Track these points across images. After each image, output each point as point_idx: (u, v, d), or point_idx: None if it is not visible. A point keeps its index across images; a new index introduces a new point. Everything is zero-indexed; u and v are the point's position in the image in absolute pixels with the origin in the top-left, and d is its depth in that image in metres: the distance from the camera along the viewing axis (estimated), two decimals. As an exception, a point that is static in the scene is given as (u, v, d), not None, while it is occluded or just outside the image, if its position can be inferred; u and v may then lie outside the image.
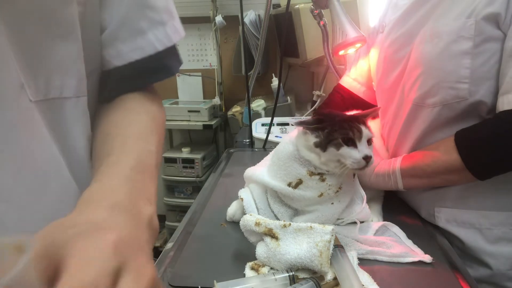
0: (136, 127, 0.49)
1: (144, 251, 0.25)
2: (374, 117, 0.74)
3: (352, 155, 0.65)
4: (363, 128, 0.66)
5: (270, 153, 0.79)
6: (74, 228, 0.24)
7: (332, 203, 0.70)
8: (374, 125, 0.77)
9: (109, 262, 0.20)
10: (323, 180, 0.69)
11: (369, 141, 0.68)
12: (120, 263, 0.20)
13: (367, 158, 0.65)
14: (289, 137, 0.74)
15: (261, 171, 0.76)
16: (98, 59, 0.51)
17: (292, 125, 1.46)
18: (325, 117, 0.69)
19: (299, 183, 0.70)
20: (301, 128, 0.70)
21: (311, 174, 0.69)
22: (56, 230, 0.24)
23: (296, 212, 0.74)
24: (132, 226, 0.28)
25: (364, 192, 0.74)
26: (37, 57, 0.41)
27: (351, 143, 0.65)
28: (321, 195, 0.69)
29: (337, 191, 0.70)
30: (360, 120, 0.68)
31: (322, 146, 0.66)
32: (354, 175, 0.73)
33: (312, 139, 0.67)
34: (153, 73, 0.54)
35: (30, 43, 0.40)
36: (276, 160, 0.73)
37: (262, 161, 0.81)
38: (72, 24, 0.43)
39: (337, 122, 0.67)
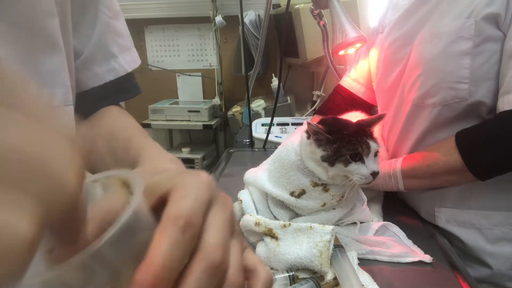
0: (134, 126, 0.55)
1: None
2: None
3: (360, 171, 0.64)
4: (371, 142, 0.65)
5: (270, 156, 0.78)
6: (163, 173, 0.30)
7: (334, 209, 0.70)
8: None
9: (205, 194, 0.25)
10: (326, 191, 0.68)
11: (376, 153, 0.66)
12: (211, 196, 0.26)
13: (374, 174, 0.64)
14: (291, 143, 0.71)
15: (262, 177, 0.74)
16: (74, 77, 0.54)
17: (293, 125, 1.46)
18: (331, 127, 0.66)
19: (302, 193, 0.69)
20: (304, 136, 0.68)
21: (315, 185, 0.68)
22: (145, 175, 0.30)
23: (296, 215, 0.73)
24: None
25: (365, 196, 0.74)
26: (28, 68, 0.43)
27: (359, 158, 0.64)
28: (324, 204, 0.68)
29: (340, 199, 0.69)
30: (367, 132, 0.66)
31: (330, 161, 0.64)
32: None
33: (319, 152, 0.65)
34: (125, 92, 0.61)
35: (21, 55, 0.42)
36: (279, 167, 0.71)
37: (262, 164, 0.80)
38: (56, 36, 0.45)
39: (345, 136, 0.64)
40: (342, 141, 0.64)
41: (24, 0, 0.41)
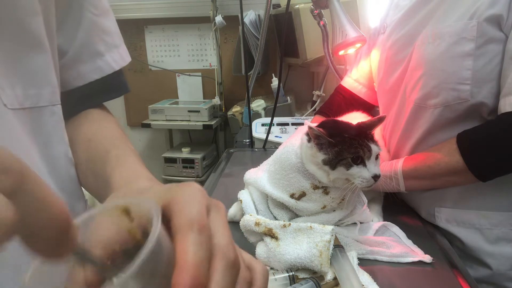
0: (114, 134, 0.54)
1: None
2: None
3: (361, 174, 0.63)
4: (372, 145, 0.64)
5: (270, 157, 0.77)
6: (151, 190, 0.32)
7: (334, 211, 0.70)
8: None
9: (203, 200, 0.27)
10: (326, 193, 0.68)
11: (377, 156, 0.66)
12: (207, 202, 0.28)
13: (376, 177, 0.64)
14: (291, 144, 0.71)
15: (262, 178, 0.74)
16: (59, 76, 0.53)
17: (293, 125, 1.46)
18: (332, 130, 0.65)
19: (302, 195, 0.68)
20: (305, 139, 0.68)
21: (315, 187, 0.67)
22: (132, 194, 0.33)
23: (296, 215, 0.73)
24: None
25: (365, 198, 0.73)
26: (13, 68, 0.42)
27: (361, 161, 0.64)
28: (324, 207, 0.68)
29: (340, 202, 0.69)
30: (368, 135, 0.66)
31: (331, 164, 0.64)
32: None
33: (320, 156, 0.65)
34: (112, 90, 0.60)
35: (5, 55, 0.41)
36: (279, 169, 0.71)
37: (262, 164, 0.80)
38: (41, 35, 0.44)
39: (346, 139, 0.64)
40: (343, 145, 0.64)
41: None
